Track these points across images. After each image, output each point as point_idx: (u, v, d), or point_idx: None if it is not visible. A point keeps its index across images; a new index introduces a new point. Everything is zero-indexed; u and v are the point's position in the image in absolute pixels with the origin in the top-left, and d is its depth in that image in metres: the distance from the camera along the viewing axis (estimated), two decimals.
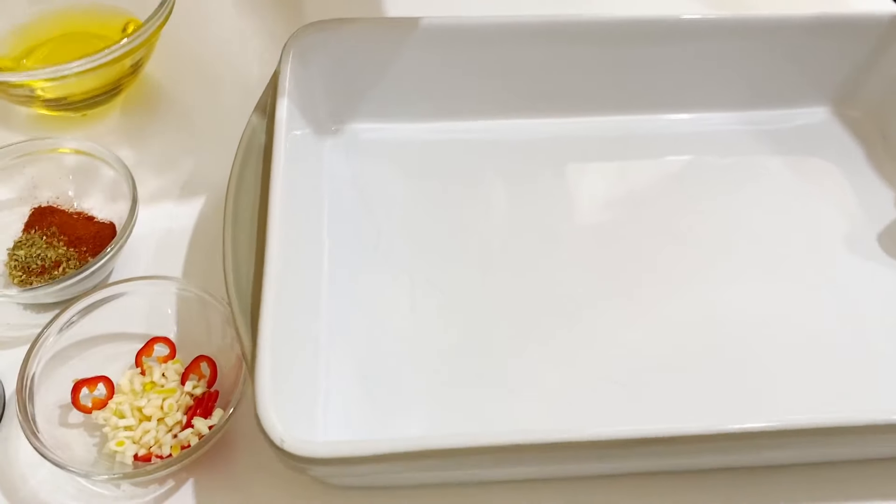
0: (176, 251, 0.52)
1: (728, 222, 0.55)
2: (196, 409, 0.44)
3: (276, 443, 0.36)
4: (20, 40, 0.60)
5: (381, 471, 0.39)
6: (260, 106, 0.52)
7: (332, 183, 0.55)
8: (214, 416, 0.44)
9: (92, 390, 0.45)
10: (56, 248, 0.50)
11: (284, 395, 0.39)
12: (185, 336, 0.47)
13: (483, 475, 0.43)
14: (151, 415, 0.43)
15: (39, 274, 0.49)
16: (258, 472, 0.43)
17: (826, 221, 0.55)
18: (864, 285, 0.52)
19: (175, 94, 0.62)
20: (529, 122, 0.59)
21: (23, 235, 0.51)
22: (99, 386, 0.45)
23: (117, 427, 0.43)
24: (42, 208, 0.52)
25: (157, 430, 0.43)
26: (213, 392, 0.45)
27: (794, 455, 0.44)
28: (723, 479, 0.44)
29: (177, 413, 0.44)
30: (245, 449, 0.44)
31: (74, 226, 0.51)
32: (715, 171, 0.58)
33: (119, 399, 0.44)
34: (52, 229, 0.51)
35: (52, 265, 0.49)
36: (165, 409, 0.44)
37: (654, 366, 0.48)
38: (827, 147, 0.59)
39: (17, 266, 0.49)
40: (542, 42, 0.56)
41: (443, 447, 0.37)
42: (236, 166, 0.49)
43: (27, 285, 0.48)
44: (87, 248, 0.50)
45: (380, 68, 0.56)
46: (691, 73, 0.59)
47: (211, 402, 0.44)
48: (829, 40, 0.58)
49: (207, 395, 0.45)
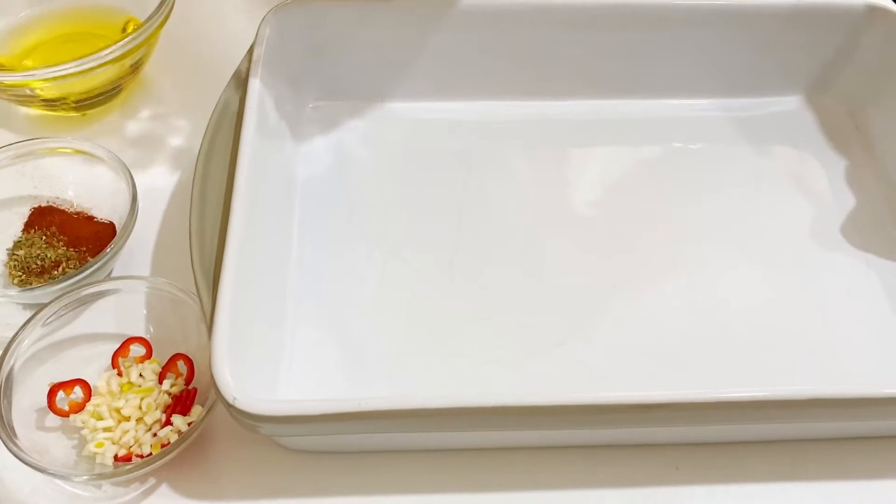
0: (176, 251, 0.52)
1: (699, 208, 0.55)
2: (175, 407, 0.44)
3: (228, 400, 0.37)
4: (20, 40, 0.60)
5: (329, 430, 0.39)
6: (235, 77, 0.52)
7: (307, 157, 0.56)
8: (193, 413, 0.44)
9: (68, 393, 0.45)
10: (56, 247, 0.50)
11: (243, 356, 0.40)
12: (162, 335, 0.47)
13: (445, 440, 0.44)
14: (130, 415, 0.43)
15: (39, 274, 0.49)
16: (239, 467, 0.44)
17: (796, 208, 0.55)
18: (830, 271, 0.52)
19: (175, 94, 0.62)
20: (505, 104, 0.60)
21: (22, 235, 0.51)
22: (76, 389, 0.45)
23: (96, 429, 0.43)
24: (42, 208, 0.52)
25: (137, 429, 0.43)
26: (192, 389, 0.45)
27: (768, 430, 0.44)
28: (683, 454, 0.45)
29: (156, 412, 0.44)
30: (226, 444, 0.44)
31: (74, 226, 0.51)
32: (685, 157, 0.58)
33: (97, 401, 0.44)
34: (52, 229, 0.51)
35: (51, 265, 0.49)
36: (144, 409, 0.44)
37: (621, 343, 0.48)
38: (800, 135, 0.60)
39: (17, 266, 0.49)
40: (517, 24, 0.57)
41: (382, 408, 0.38)
42: (208, 135, 0.50)
43: (27, 285, 0.48)
44: (87, 248, 0.50)
45: (357, 46, 0.57)
46: (665, 59, 0.59)
47: (189, 399, 0.44)
48: (804, 29, 0.58)
49: (186, 393, 0.45)
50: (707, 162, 0.58)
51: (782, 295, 0.51)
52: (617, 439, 0.45)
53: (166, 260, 0.52)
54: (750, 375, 0.47)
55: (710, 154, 0.58)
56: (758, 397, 0.39)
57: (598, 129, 0.59)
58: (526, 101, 0.60)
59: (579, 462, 0.44)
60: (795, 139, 0.60)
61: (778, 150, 0.59)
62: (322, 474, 0.43)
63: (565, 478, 0.44)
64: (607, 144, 0.59)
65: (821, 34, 0.58)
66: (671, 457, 0.45)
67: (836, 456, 0.45)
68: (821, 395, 0.39)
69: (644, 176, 0.57)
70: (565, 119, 0.59)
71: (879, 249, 0.53)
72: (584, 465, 0.44)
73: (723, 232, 0.54)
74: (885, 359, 0.48)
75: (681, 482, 0.44)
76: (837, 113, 0.61)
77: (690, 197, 0.56)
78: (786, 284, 0.51)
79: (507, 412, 0.38)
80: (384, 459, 0.44)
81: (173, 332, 0.47)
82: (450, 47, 0.58)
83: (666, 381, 0.47)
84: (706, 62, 0.59)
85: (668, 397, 0.39)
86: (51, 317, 0.46)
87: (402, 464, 0.44)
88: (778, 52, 0.59)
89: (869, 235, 0.54)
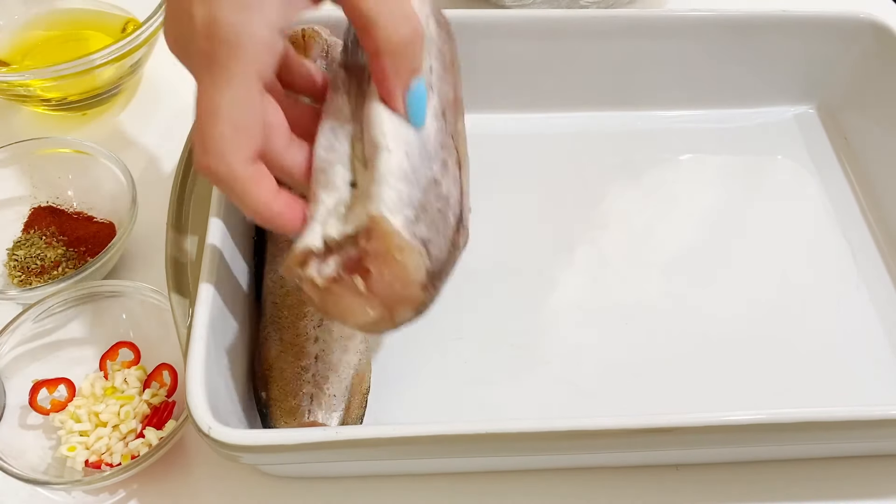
0: None
1: (686, 221, 0.55)
2: (152, 419, 0.44)
3: (203, 430, 0.36)
4: (20, 40, 0.60)
5: (305, 459, 0.39)
6: None
7: None
8: (167, 428, 0.43)
9: (52, 391, 0.45)
10: (55, 248, 0.50)
11: (219, 384, 0.40)
12: (151, 342, 0.47)
13: (427, 465, 0.44)
14: (108, 421, 0.43)
15: (39, 274, 0.49)
16: (216, 487, 0.44)
17: (785, 220, 0.56)
18: (820, 282, 0.52)
19: (175, 94, 0.62)
20: (495, 116, 0.59)
21: (22, 235, 0.51)
22: (60, 387, 0.45)
23: (72, 431, 0.43)
24: (41, 208, 0.52)
25: (111, 437, 0.43)
26: (171, 402, 0.45)
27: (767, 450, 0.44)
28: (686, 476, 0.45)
29: (132, 421, 0.44)
30: (199, 459, 0.44)
31: (74, 226, 0.51)
32: (673, 168, 0.58)
33: (78, 402, 0.44)
34: (52, 229, 0.51)
35: (51, 265, 0.49)
36: (122, 416, 0.44)
37: (608, 362, 0.48)
38: (790, 146, 0.60)
39: (17, 266, 0.49)
40: (506, 38, 0.56)
41: (360, 437, 0.37)
42: (185, 155, 0.49)
43: (27, 285, 0.49)
44: (87, 248, 0.50)
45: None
46: (655, 70, 0.59)
47: (167, 412, 0.44)
48: (795, 41, 0.58)
49: (164, 406, 0.45)
50: (696, 173, 0.58)
51: (771, 308, 0.51)
52: (604, 462, 0.45)
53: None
54: (739, 393, 0.47)
55: (699, 165, 0.59)
56: (749, 420, 0.39)
57: (586, 140, 0.59)
58: (516, 113, 0.60)
59: (564, 484, 0.44)
60: (785, 150, 0.60)
61: (768, 160, 0.59)
62: (300, 499, 0.43)
63: (551, 501, 0.44)
64: (594, 156, 0.59)
65: (811, 46, 0.58)
66: (659, 476, 0.45)
67: (829, 476, 0.45)
68: (810, 418, 0.39)
69: (631, 187, 0.57)
70: (555, 132, 0.59)
71: (869, 261, 0.53)
72: (569, 487, 0.44)
73: (711, 245, 0.54)
74: (874, 370, 0.49)
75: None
76: (827, 124, 0.61)
77: (678, 210, 0.56)
78: (774, 297, 0.52)
79: (484, 440, 0.38)
80: (365, 484, 0.44)
81: (163, 340, 0.47)
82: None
83: (654, 400, 0.46)
84: (697, 74, 0.59)
85: (653, 422, 0.38)
86: (41, 314, 0.46)
87: (384, 488, 0.44)
88: (769, 64, 0.59)
89: (858, 246, 0.54)
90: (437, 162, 0.38)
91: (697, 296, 0.51)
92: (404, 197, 0.35)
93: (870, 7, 0.58)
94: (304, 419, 0.41)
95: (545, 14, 0.56)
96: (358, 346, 0.45)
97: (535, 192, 0.56)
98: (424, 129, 0.38)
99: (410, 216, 0.35)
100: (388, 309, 0.36)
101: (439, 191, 0.38)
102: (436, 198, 0.37)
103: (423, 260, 0.35)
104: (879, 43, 0.57)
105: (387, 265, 0.35)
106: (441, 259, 0.36)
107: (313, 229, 0.36)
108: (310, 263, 0.36)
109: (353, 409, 0.43)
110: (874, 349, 0.49)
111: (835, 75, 0.60)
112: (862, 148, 0.59)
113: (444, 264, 0.37)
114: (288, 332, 0.44)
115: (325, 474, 0.44)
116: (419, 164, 0.37)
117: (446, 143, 0.40)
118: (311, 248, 0.36)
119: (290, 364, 0.43)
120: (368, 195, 0.35)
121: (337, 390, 0.43)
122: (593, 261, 0.53)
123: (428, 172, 0.37)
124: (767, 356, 0.49)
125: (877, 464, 0.45)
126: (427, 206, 0.36)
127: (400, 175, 0.36)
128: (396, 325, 0.36)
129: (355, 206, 0.36)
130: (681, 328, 0.50)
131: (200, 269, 0.42)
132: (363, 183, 0.37)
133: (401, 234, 0.34)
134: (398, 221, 0.35)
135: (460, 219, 0.39)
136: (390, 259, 0.34)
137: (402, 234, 0.34)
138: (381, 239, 0.34)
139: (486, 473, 0.44)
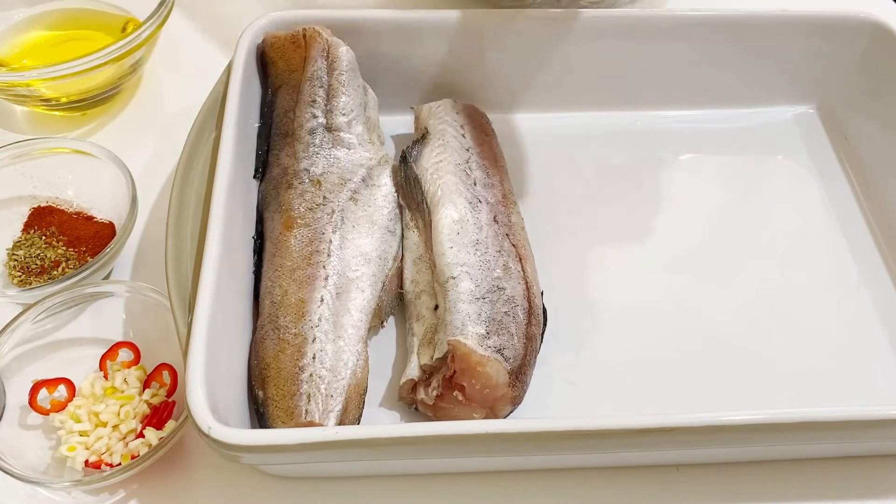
0: None
1: (687, 221, 0.55)
2: (152, 419, 0.44)
3: (203, 430, 0.37)
4: (20, 39, 0.60)
5: (305, 459, 0.39)
6: (212, 97, 0.52)
7: None
8: (166, 428, 0.43)
9: (52, 391, 0.45)
10: (55, 247, 0.50)
11: (218, 384, 0.40)
12: (151, 342, 0.47)
13: (428, 465, 0.44)
14: (107, 421, 0.43)
15: (39, 274, 0.49)
16: (215, 487, 0.44)
17: (786, 219, 0.56)
18: (820, 283, 0.52)
19: (175, 94, 0.62)
20: (499, 116, 0.58)
21: (22, 235, 0.51)
22: (60, 387, 0.45)
23: (72, 431, 0.43)
24: (42, 208, 0.52)
25: (111, 437, 0.43)
26: (171, 402, 0.45)
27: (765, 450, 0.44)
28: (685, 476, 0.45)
29: (132, 421, 0.44)
30: (199, 459, 0.44)
31: (74, 226, 0.51)
32: (673, 168, 0.58)
33: (78, 402, 0.44)
34: (52, 229, 0.51)
35: (51, 265, 0.49)
36: (122, 416, 0.44)
37: (609, 362, 0.48)
38: (790, 146, 0.60)
39: (17, 266, 0.49)
40: (518, 38, 0.56)
41: (360, 437, 0.38)
42: (185, 155, 0.49)
43: (27, 285, 0.49)
44: (87, 248, 0.50)
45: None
46: (657, 70, 0.59)
47: (167, 412, 0.44)
48: (796, 41, 0.58)
49: (164, 406, 0.45)
50: (696, 173, 0.58)
51: (771, 308, 0.51)
52: (604, 462, 0.45)
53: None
54: (740, 393, 0.47)
55: (699, 165, 0.59)
56: (749, 420, 0.39)
57: (586, 140, 0.59)
58: (516, 113, 0.60)
59: (564, 484, 0.44)
60: (785, 150, 0.60)
61: (768, 160, 0.59)
62: (300, 499, 0.43)
63: (551, 501, 0.44)
64: (594, 156, 0.58)
65: (811, 46, 0.58)
66: (659, 476, 0.44)
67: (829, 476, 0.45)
68: (810, 418, 0.39)
69: (631, 187, 0.57)
70: (555, 132, 0.59)
71: (869, 261, 0.53)
72: (569, 488, 0.44)
73: (711, 245, 0.54)
74: (874, 370, 0.49)
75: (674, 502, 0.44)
76: (827, 124, 0.61)
77: (678, 210, 0.56)
78: (774, 297, 0.51)
79: (484, 440, 0.38)
80: (365, 484, 0.44)
81: (163, 340, 0.46)
82: (426, 59, 0.57)
83: (654, 400, 0.46)
84: (697, 74, 0.59)
85: (655, 422, 0.38)
86: (41, 314, 0.46)
87: (384, 488, 0.44)
88: (769, 64, 0.59)
89: (858, 246, 0.54)
90: (499, 268, 0.46)
91: (697, 295, 0.51)
92: (473, 317, 0.44)
93: (870, 7, 0.59)
94: (302, 419, 0.42)
95: (545, 14, 0.56)
96: (355, 346, 0.45)
97: (534, 192, 0.56)
98: (481, 245, 0.46)
99: (482, 332, 0.43)
100: (489, 408, 0.43)
101: (504, 296, 0.45)
102: (502, 303, 0.45)
103: (501, 365, 0.42)
104: (879, 43, 0.57)
105: (474, 377, 0.42)
106: (518, 356, 0.43)
107: (412, 362, 0.44)
108: (417, 389, 0.44)
109: (350, 410, 0.43)
110: (874, 349, 0.49)
111: (835, 75, 0.60)
112: (862, 148, 0.59)
113: (523, 359, 0.44)
114: (286, 331, 0.44)
115: (324, 474, 0.44)
116: (481, 279, 0.45)
117: (503, 246, 0.47)
118: (413, 379, 0.44)
119: (287, 364, 0.43)
120: (445, 323, 0.44)
121: (334, 390, 0.43)
122: (593, 260, 0.53)
123: (491, 283, 0.45)
124: (767, 356, 0.49)
125: (877, 464, 0.45)
126: (495, 315, 0.44)
127: (467, 298, 0.44)
128: (504, 416, 0.44)
129: (439, 331, 0.44)
130: (681, 328, 0.50)
131: (200, 269, 0.42)
132: (441, 308, 0.45)
133: (476, 352, 0.42)
134: (472, 343, 0.42)
135: (529, 311, 0.45)
136: (475, 372, 0.42)
137: (478, 352, 0.42)
138: (462, 359, 0.42)
139: (486, 473, 0.44)
